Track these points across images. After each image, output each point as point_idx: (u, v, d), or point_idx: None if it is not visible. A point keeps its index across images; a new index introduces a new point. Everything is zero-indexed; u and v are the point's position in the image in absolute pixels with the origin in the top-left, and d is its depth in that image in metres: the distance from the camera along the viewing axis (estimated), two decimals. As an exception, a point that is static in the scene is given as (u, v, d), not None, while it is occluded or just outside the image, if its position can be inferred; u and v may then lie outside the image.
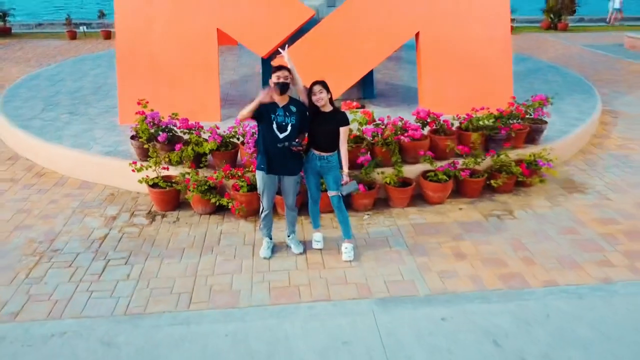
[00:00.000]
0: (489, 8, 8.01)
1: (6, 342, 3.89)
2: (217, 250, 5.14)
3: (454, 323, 4.12)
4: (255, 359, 3.75)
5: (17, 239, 5.32)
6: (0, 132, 8.22)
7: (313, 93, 4.55)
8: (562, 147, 7.23)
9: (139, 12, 7.62)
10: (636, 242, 5.28)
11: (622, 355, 3.78)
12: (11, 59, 14.70)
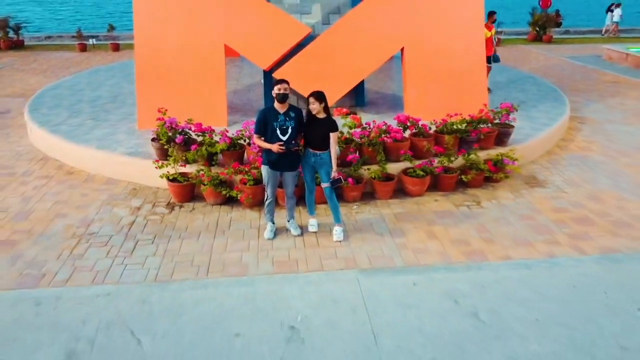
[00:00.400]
0: (465, 26, 9.03)
1: (62, 300, 4.84)
2: (228, 233, 6.10)
3: (422, 287, 5.08)
4: (262, 312, 4.70)
5: (58, 225, 6.27)
6: (31, 137, 9.20)
7: (309, 102, 5.53)
8: (528, 148, 8.23)
9: (155, 29, 8.62)
10: (581, 226, 6.26)
11: (554, 309, 4.74)
12: (27, 70, 15.70)
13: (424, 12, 8.88)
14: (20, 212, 6.59)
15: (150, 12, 8.60)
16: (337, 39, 8.84)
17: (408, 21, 8.89)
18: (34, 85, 13.66)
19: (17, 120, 10.49)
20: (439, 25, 8.96)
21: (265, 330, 4.47)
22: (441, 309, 4.75)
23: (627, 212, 6.60)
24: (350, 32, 8.85)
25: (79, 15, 48.74)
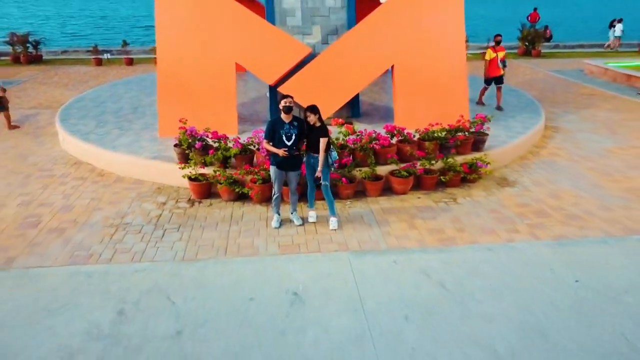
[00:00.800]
0: (447, 47, 10.21)
1: (109, 274, 5.98)
2: (241, 223, 7.25)
3: (401, 264, 6.21)
4: (271, 283, 5.83)
5: (97, 217, 7.42)
6: (63, 144, 10.38)
7: (306, 115, 6.69)
8: (501, 153, 9.38)
9: (175, 49, 9.82)
10: (539, 218, 7.39)
11: (507, 281, 5.86)
12: (50, 83, 16.95)
13: (411, 34, 10.07)
14: (63, 206, 7.74)
15: (171, 34, 9.80)
16: (334, 58, 10.02)
17: (397, 42, 10.08)
18: (58, 97, 14.90)
19: (48, 130, 11.69)
20: (424, 46, 10.14)
21: (274, 295, 5.60)
22: (415, 281, 5.88)
23: (580, 207, 7.73)
24: (347, 51, 10.04)
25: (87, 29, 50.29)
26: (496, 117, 11.38)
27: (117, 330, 5.04)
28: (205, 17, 9.75)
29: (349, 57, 10.00)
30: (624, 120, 12.52)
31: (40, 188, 8.42)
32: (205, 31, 9.78)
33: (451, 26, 10.25)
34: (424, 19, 10.09)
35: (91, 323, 5.14)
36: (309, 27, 10.92)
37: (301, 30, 10.88)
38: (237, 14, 9.84)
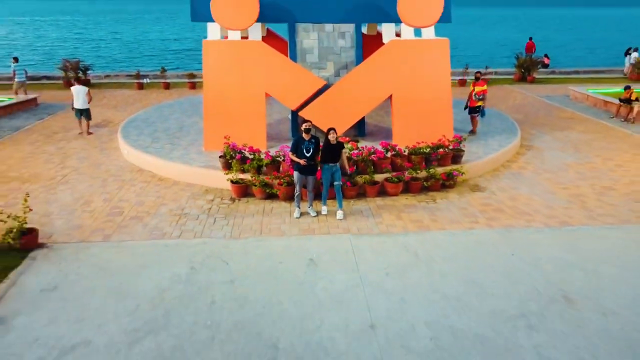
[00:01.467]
0: (434, 81, 12.67)
1: (179, 245, 8.47)
2: (271, 215, 9.70)
3: (389, 243, 8.59)
4: (293, 252, 8.25)
5: (163, 209, 9.94)
6: (126, 155, 13.00)
7: (328, 134, 9.16)
8: (477, 166, 11.74)
9: (219, 81, 12.40)
10: (496, 214, 9.72)
11: (462, 253, 8.20)
12: (102, 105, 19.73)
13: (406, 71, 12.54)
14: (137, 201, 10.29)
15: (215, 70, 12.41)
16: (344, 88, 12.52)
17: (394, 77, 12.54)
18: (110, 117, 17.65)
19: (110, 144, 14.35)
20: (417, 80, 12.59)
21: (296, 261, 8.02)
22: (396, 252, 8.25)
23: (529, 207, 10.05)
24: (354, 83, 12.53)
25: (118, 51, 53.98)
26: (478, 137, 13.80)
27: (191, 278, 7.50)
28: (241, 57, 12.35)
29: (356, 88, 12.49)
30: (591, 140, 14.79)
31: (116, 189, 10.99)
32: (241, 68, 12.37)
33: (438, 65, 12.72)
34: (416, 59, 12.57)
35: (173, 274, 7.61)
36: (324, 63, 13.51)
37: (317, 65, 13.47)
38: (266, 53, 12.43)
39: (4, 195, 10.50)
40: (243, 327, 6.43)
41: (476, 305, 6.88)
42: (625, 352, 6.00)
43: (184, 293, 7.15)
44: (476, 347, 6.08)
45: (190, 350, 6.03)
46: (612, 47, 65.49)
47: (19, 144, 14.30)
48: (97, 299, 7.04)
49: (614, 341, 6.19)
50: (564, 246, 8.49)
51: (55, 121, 17.09)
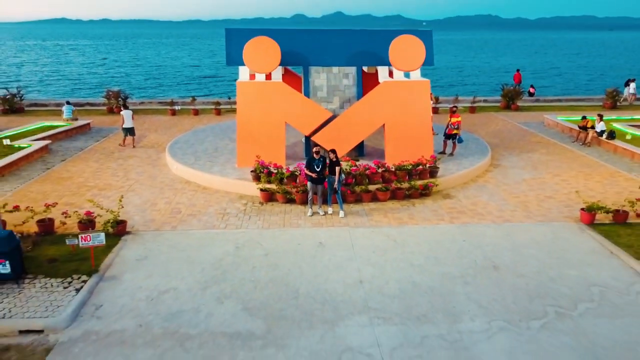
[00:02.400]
0: (418, 112, 16.08)
1: (227, 233, 11.88)
2: (290, 214, 13.08)
3: (376, 233, 11.94)
4: (307, 238, 11.61)
5: (210, 210, 13.36)
6: (174, 171, 16.48)
7: (329, 154, 12.60)
8: (450, 179, 15.08)
9: (249, 112, 15.89)
10: (458, 214, 13.03)
11: (428, 239, 11.52)
12: (145, 129, 23.37)
13: (395, 105, 15.97)
14: (190, 204, 13.74)
15: (247, 104, 15.92)
16: (347, 119, 15.97)
17: (386, 110, 15.97)
18: (154, 140, 21.23)
19: (159, 162, 17.88)
20: (404, 112, 16.01)
21: (310, 243, 11.38)
22: (380, 239, 11.58)
23: (485, 210, 13.35)
24: (355, 115, 15.97)
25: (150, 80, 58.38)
26: (456, 157, 17.18)
27: (237, 253, 10.89)
28: (266, 94, 15.88)
29: (356, 118, 15.94)
30: (549, 160, 18.09)
31: (172, 195, 14.46)
32: (266, 102, 15.88)
33: (421, 100, 16.16)
34: (403, 96, 16.03)
35: (224, 250, 11.01)
36: (331, 98, 17.03)
37: (326, 99, 16.99)
38: (285, 91, 15.96)
39: (92, 198, 13.98)
40: (275, 281, 9.78)
41: (432, 270, 10.19)
42: (524, 299, 9.25)
43: (233, 261, 10.53)
44: (427, 293, 9.38)
45: (242, 293, 9.37)
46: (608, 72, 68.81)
47: (86, 162, 17.88)
48: (174, 264, 10.44)
49: (519, 292, 9.46)
50: (502, 236, 11.79)
51: (109, 143, 20.69)
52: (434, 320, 8.57)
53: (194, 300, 9.16)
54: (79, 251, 10.55)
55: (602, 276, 10.01)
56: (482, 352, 7.76)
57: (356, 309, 8.88)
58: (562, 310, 8.85)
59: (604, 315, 8.74)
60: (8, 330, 8.25)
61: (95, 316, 8.69)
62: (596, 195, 14.13)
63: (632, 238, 11.39)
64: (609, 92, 29.85)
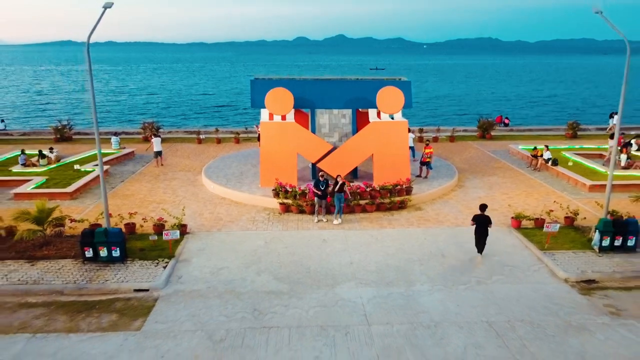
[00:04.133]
0: (398, 145, 21.05)
1: (258, 233, 16.78)
2: (302, 221, 17.97)
3: (363, 233, 16.82)
4: (314, 236, 16.49)
5: (244, 218, 18.26)
6: (210, 190, 21.43)
7: (338, 177, 17.57)
8: (422, 196, 19.99)
9: (269, 144, 20.88)
10: (425, 221, 17.91)
11: (400, 238, 16.39)
12: (178, 156, 28.37)
13: (381, 140, 20.94)
14: (227, 214, 18.64)
15: (269, 138, 20.93)
16: (344, 150, 20.94)
17: (374, 144, 20.94)
18: (188, 165, 26.23)
19: (196, 182, 22.83)
20: (388, 145, 20.97)
21: (316, 239, 16.25)
22: (366, 238, 16.45)
23: (444, 218, 18.23)
24: (351, 147, 20.95)
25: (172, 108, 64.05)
26: (430, 180, 22.09)
27: (266, 245, 15.76)
28: (282, 131, 20.89)
29: (351, 150, 20.91)
30: (503, 182, 22.99)
31: (212, 207, 19.37)
32: (282, 137, 20.87)
33: (401, 136, 21.14)
34: (387, 133, 21.02)
35: (257, 244, 15.89)
36: (332, 133, 22.05)
37: (328, 135, 22.01)
38: (297, 129, 20.97)
39: (153, 210, 18.89)
40: (294, 263, 14.63)
41: (399, 257, 15.03)
42: (458, 273, 14.04)
43: (264, 251, 15.39)
44: (395, 270, 14.21)
45: (272, 270, 14.21)
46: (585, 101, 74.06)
47: (140, 183, 22.84)
48: (224, 252, 15.31)
49: (455, 270, 14.27)
50: (452, 235, 16.64)
51: (152, 168, 25.67)
52: (397, 285, 13.40)
53: (241, 274, 14.01)
54: (157, 244, 15.44)
55: (514, 260, 14.86)
56: (424, 301, 12.57)
57: (347, 278, 13.72)
58: (481, 279, 13.68)
59: (507, 282, 13.56)
60: (127, 289, 13.10)
61: (179, 282, 13.54)
62: (529, 208, 18.99)
63: (542, 237, 16.20)
64: (570, 124, 34.86)
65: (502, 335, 11.11)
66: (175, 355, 10.42)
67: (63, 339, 10.99)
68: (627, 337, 11.06)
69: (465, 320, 11.70)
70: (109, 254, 14.33)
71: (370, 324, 11.51)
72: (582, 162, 25.23)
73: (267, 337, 11.03)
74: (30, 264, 14.31)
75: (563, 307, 12.34)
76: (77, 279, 13.49)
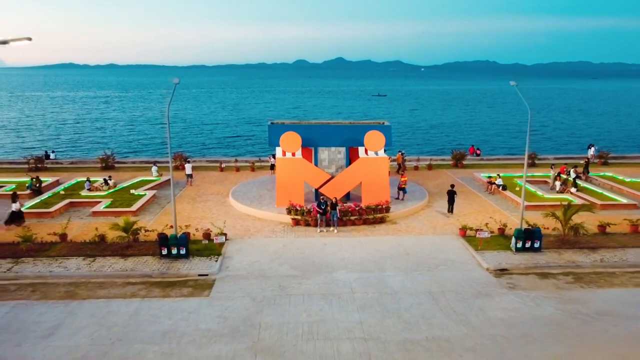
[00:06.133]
0: (380, 175, 27.88)
1: (277, 239, 23.53)
2: (308, 231, 24.72)
3: (352, 240, 23.56)
4: (318, 242, 23.22)
5: (265, 229, 25.00)
6: (237, 209, 28.20)
7: (335, 200, 24.38)
8: (398, 214, 26.76)
9: (283, 174, 27.70)
10: (399, 232, 24.65)
11: (377, 244, 23.12)
12: (206, 181, 35.19)
13: (368, 171, 27.78)
14: (253, 226, 25.39)
15: (283, 170, 27.77)
16: (339, 178, 27.77)
17: (363, 174, 27.77)
18: (216, 190, 33.04)
19: (225, 203, 29.61)
20: (372, 175, 27.79)
21: (319, 244, 22.98)
22: (353, 242, 23.18)
23: (413, 229, 24.96)
24: (344, 176, 27.79)
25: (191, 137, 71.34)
26: (405, 201, 28.90)
27: (284, 248, 22.49)
28: (292, 165, 27.74)
29: (345, 178, 27.76)
30: (462, 203, 29.70)
31: (242, 222, 26.13)
32: (293, 169, 27.71)
33: (382, 168, 28.01)
34: (372, 166, 27.88)
35: (277, 247, 22.62)
36: (331, 166, 28.97)
37: (327, 167, 28.94)
38: (304, 163, 27.85)
39: (197, 223, 25.59)
40: (304, 258, 21.34)
41: (376, 255, 21.74)
42: (415, 265, 20.74)
43: (282, 251, 22.11)
44: (373, 263, 20.90)
45: (289, 262, 20.89)
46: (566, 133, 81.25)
47: (182, 204, 29.60)
48: (255, 252, 22.03)
49: (414, 262, 20.97)
50: (416, 240, 23.37)
51: (189, 191, 32.48)
52: (373, 271, 20.07)
53: (268, 265, 20.71)
54: (207, 246, 22.17)
55: (456, 257, 21.56)
56: (390, 281, 19.21)
57: (340, 268, 20.41)
58: (430, 268, 20.38)
59: (448, 270, 20.24)
60: (194, 274, 19.78)
61: (227, 270, 20.23)
62: (476, 222, 25.69)
63: (477, 242, 22.88)
64: (529, 155, 41.67)
65: (436, 299, 17.76)
66: (234, 308, 17.06)
67: (161, 300, 17.64)
68: (513, 299, 17.72)
69: (414, 291, 18.35)
70: (178, 252, 21.05)
71: (354, 292, 18.17)
72: (528, 188, 32.03)
73: (289, 299, 17.69)
74: (124, 259, 21.01)
75: (480, 284, 19.02)
76: (159, 268, 20.18)
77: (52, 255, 21.31)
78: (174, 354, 14.37)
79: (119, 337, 15.25)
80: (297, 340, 15.04)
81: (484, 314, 16.68)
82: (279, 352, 14.46)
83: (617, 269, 20.40)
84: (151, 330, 15.66)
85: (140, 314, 16.66)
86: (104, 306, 17.18)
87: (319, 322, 16.08)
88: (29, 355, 14.34)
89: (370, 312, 16.79)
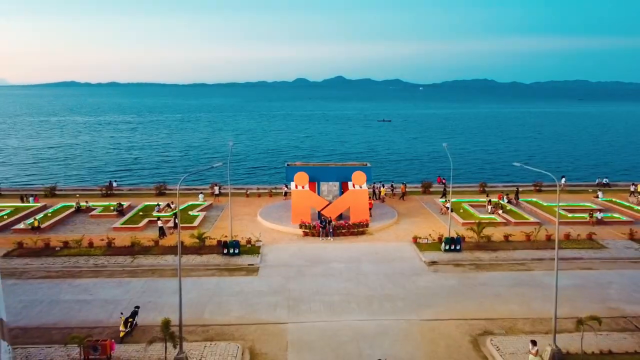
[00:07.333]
0: (362, 201, 40.83)
1: (292, 245, 36.47)
2: (314, 240, 37.60)
3: (342, 245, 36.46)
4: (319, 246, 36.11)
5: (285, 238, 37.88)
6: (264, 225, 41.14)
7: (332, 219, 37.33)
8: (375, 229, 39.71)
9: (297, 201, 40.61)
10: (375, 240, 37.53)
11: (361, 249, 36.02)
12: (238, 205, 48.07)
13: (355, 199, 40.74)
14: (279, 237, 38.27)
15: (296, 198, 40.74)
16: (335, 204, 40.77)
17: (350, 201, 40.72)
18: (246, 212, 46.00)
19: (254, 221, 42.54)
20: (357, 201, 40.71)
21: (320, 247, 35.88)
22: (344, 247, 36.08)
23: (384, 239, 37.82)
24: (338, 203, 40.78)
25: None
26: (379, 219, 41.88)
27: (301, 251, 35.39)
28: (303, 195, 40.73)
29: (338, 204, 40.81)
30: (421, 221, 42.55)
31: (269, 234, 39.01)
32: (303, 199, 40.68)
33: (364, 197, 41.01)
34: (358, 196, 40.90)
35: (294, 249, 35.54)
36: (329, 195, 42.13)
37: (327, 196, 42.15)
38: (310, 194, 40.91)
39: (239, 234, 38.45)
40: (313, 255, 34.24)
41: (357, 254, 34.61)
42: (382, 260, 33.58)
43: (300, 252, 35.00)
44: (354, 259, 33.77)
45: (303, 258, 33.76)
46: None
47: (224, 221, 42.34)
48: (281, 252, 34.95)
49: (381, 258, 33.84)
50: (384, 245, 36.23)
51: (227, 213, 45.34)
52: (354, 263, 32.96)
53: (290, 260, 33.62)
54: (252, 249, 35.09)
55: (406, 255, 34.44)
56: (363, 269, 32.04)
57: (334, 261, 33.30)
58: (389, 261, 33.27)
59: (398, 263, 33.12)
60: (245, 265, 32.72)
61: (265, 262, 33.15)
62: (425, 234, 38.45)
63: (422, 246, 35.65)
64: (481, 184, 54.67)
65: (389, 276, 30.56)
66: (272, 281, 29.85)
67: (230, 278, 30.46)
68: (434, 277, 30.57)
69: (377, 272, 31.12)
70: (234, 251, 33.91)
71: (341, 274, 30.99)
72: (469, 209, 44.89)
73: (304, 277, 30.50)
74: (200, 256, 33.89)
75: (417, 269, 31.84)
76: (223, 261, 33.03)
77: (154, 253, 34.21)
78: (246, 300, 27.19)
79: (213, 294, 28.07)
80: (309, 295, 27.86)
81: (414, 284, 29.53)
82: (299, 300, 27.27)
83: (504, 262, 33.28)
84: (230, 290, 28.53)
85: (220, 285, 29.52)
86: (197, 281, 30.01)
87: (321, 287, 28.89)
88: (168, 302, 27.10)
89: (350, 283, 29.62)
